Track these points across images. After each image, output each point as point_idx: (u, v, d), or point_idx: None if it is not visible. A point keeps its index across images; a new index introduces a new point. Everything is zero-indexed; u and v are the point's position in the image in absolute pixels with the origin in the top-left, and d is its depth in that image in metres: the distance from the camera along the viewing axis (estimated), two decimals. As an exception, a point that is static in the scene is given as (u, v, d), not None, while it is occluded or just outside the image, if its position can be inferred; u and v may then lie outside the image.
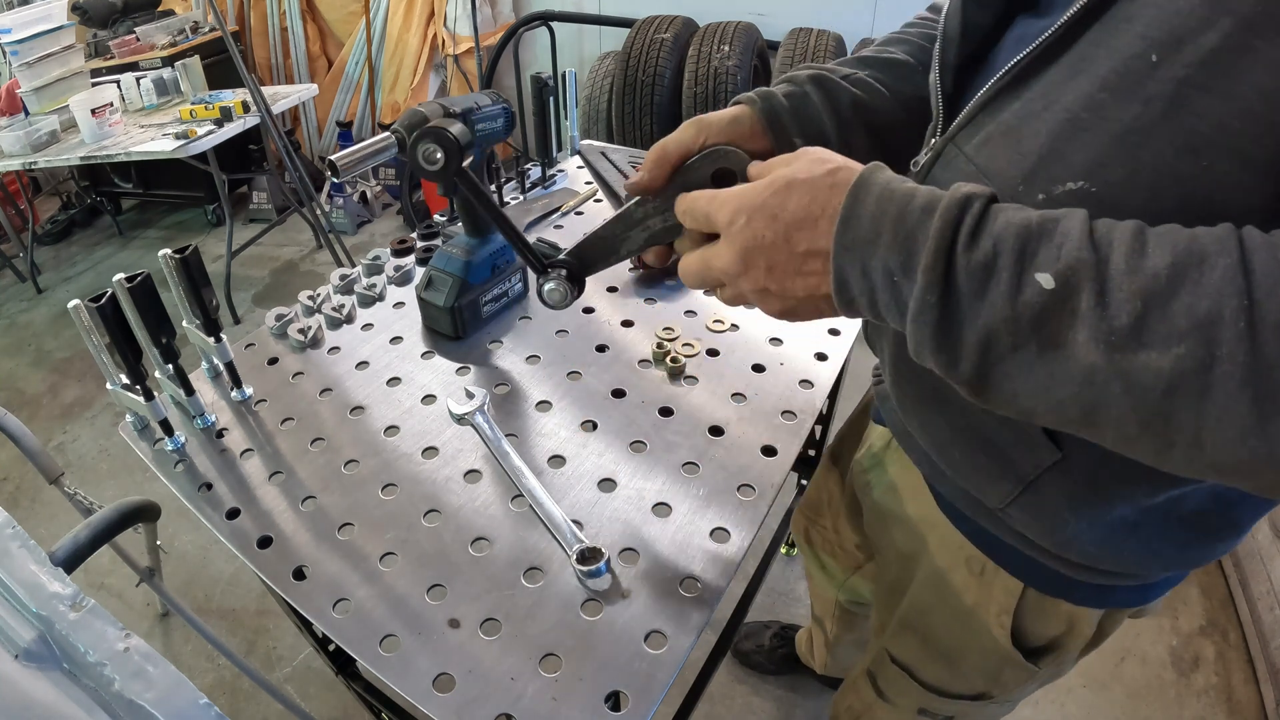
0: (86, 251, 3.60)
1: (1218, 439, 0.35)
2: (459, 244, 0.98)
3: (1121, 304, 0.36)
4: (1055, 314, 0.38)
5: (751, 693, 1.61)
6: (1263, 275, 0.34)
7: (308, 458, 0.82)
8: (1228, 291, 0.34)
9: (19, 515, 1.05)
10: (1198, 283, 0.35)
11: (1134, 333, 0.36)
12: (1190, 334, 0.35)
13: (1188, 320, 0.35)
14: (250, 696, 1.62)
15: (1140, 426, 0.37)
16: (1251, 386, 0.33)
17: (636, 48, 2.83)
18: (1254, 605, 1.68)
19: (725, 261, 0.50)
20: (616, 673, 0.60)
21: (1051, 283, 0.38)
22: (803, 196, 0.46)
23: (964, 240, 0.40)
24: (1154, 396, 0.36)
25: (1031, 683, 0.77)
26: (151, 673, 0.50)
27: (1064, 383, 0.39)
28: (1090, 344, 0.37)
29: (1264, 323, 0.33)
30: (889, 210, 0.43)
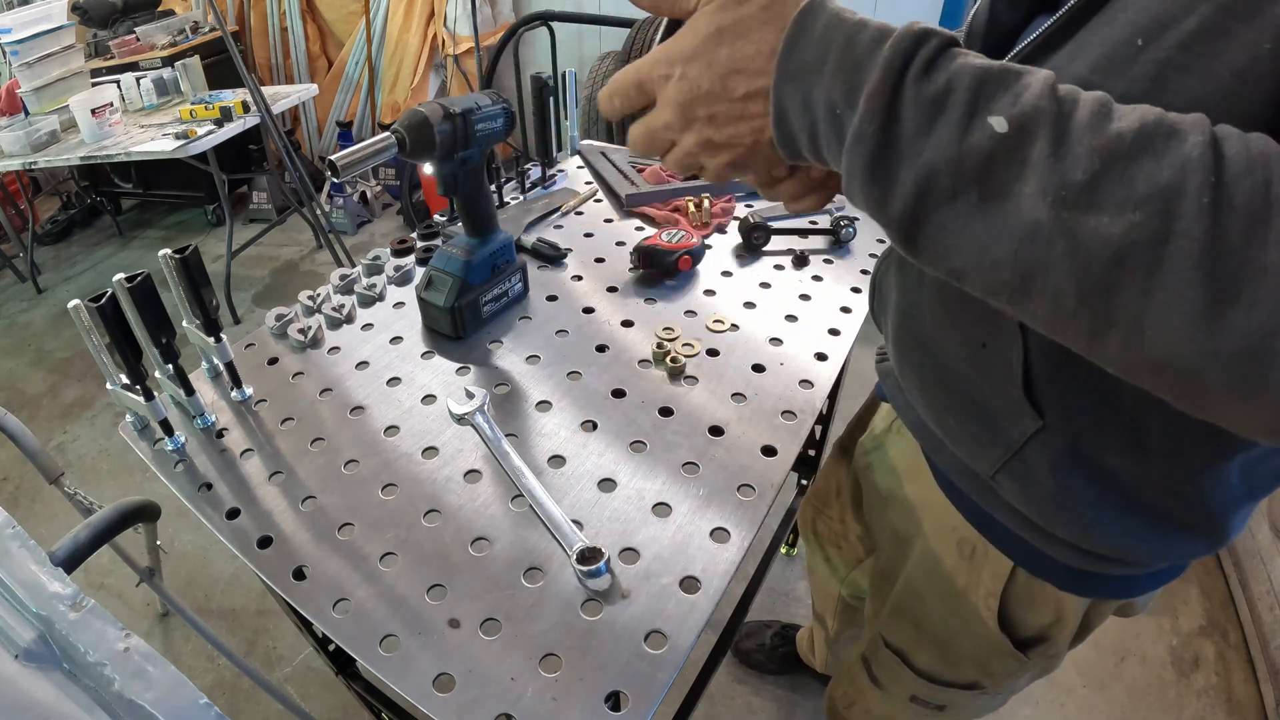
0: (86, 251, 3.60)
1: (1161, 325, 0.33)
2: (459, 244, 0.98)
3: (1079, 158, 0.34)
4: (1004, 161, 0.35)
5: (751, 693, 1.61)
6: (1233, 159, 0.32)
7: (308, 458, 0.82)
8: (1194, 166, 0.32)
9: (19, 515, 1.05)
10: (1164, 152, 0.33)
11: (1088, 190, 0.34)
12: (1149, 201, 0.32)
13: (1148, 186, 0.33)
14: (250, 696, 1.62)
15: (1079, 299, 0.35)
16: (1205, 268, 0.31)
17: (636, 48, 2.83)
18: (1254, 605, 1.68)
19: (666, 117, 0.47)
20: (616, 673, 0.60)
21: (1005, 126, 0.35)
22: (735, 37, 0.43)
23: (915, 71, 0.37)
24: (1099, 265, 0.34)
25: (1021, 675, 0.78)
26: (151, 673, 0.50)
27: (1003, 238, 0.36)
28: (1038, 197, 0.34)
29: (1229, 205, 0.31)
30: (836, 38, 0.40)
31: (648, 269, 1.12)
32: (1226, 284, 0.31)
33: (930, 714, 0.88)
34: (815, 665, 1.55)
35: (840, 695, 1.04)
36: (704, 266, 1.16)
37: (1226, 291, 0.31)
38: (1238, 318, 0.31)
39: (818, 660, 1.52)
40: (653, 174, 1.39)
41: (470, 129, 0.87)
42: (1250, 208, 0.31)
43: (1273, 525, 1.67)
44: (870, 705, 0.97)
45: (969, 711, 0.88)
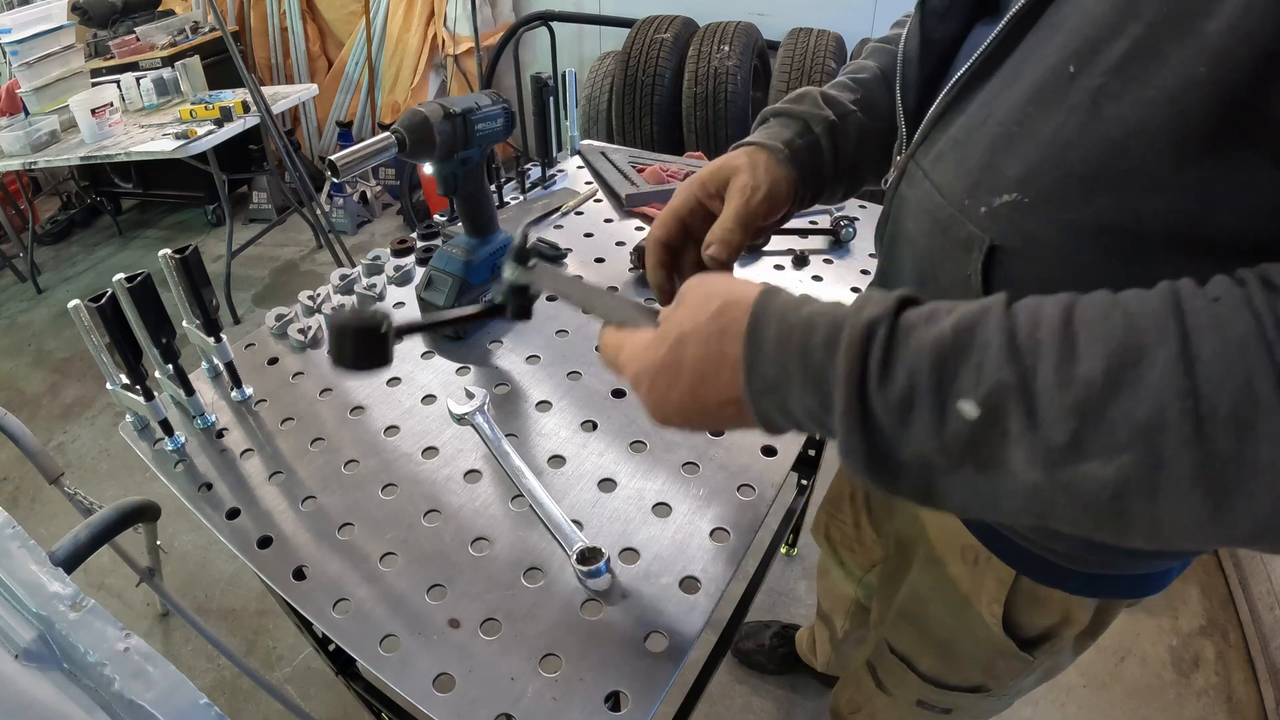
0: (86, 251, 3.60)
1: (1174, 527, 0.33)
2: (459, 244, 0.98)
3: (1055, 422, 0.34)
4: (985, 439, 0.36)
5: (751, 692, 1.61)
6: (1207, 364, 0.32)
7: (308, 458, 0.82)
8: (1169, 393, 0.32)
9: (19, 515, 1.05)
10: (1136, 386, 0.33)
11: (1073, 447, 0.34)
12: (1133, 443, 0.33)
13: (1128, 429, 0.33)
14: (250, 696, 1.62)
15: (1094, 524, 0.36)
16: (1201, 485, 0.32)
17: (636, 48, 2.83)
18: (1254, 605, 1.68)
19: (645, 409, 0.49)
20: (616, 673, 0.60)
21: (975, 411, 0.35)
22: (697, 349, 0.45)
23: (875, 378, 0.38)
24: (1102, 501, 0.34)
25: (1027, 675, 0.78)
26: (151, 673, 0.50)
27: (1009, 497, 0.37)
28: (1028, 464, 0.35)
29: (1213, 419, 0.31)
30: (791, 351, 0.41)
31: (648, 269, 1.12)
32: (1224, 490, 0.31)
33: (937, 717, 0.88)
34: (815, 665, 1.55)
35: (846, 701, 1.04)
36: (704, 266, 1.15)
37: (1226, 494, 0.31)
38: (1240, 512, 0.31)
39: (819, 660, 1.51)
40: (653, 174, 1.39)
41: (470, 129, 0.87)
42: (1235, 415, 0.31)
43: (1273, 525, 1.67)
44: (877, 710, 0.97)
45: (975, 713, 0.88)
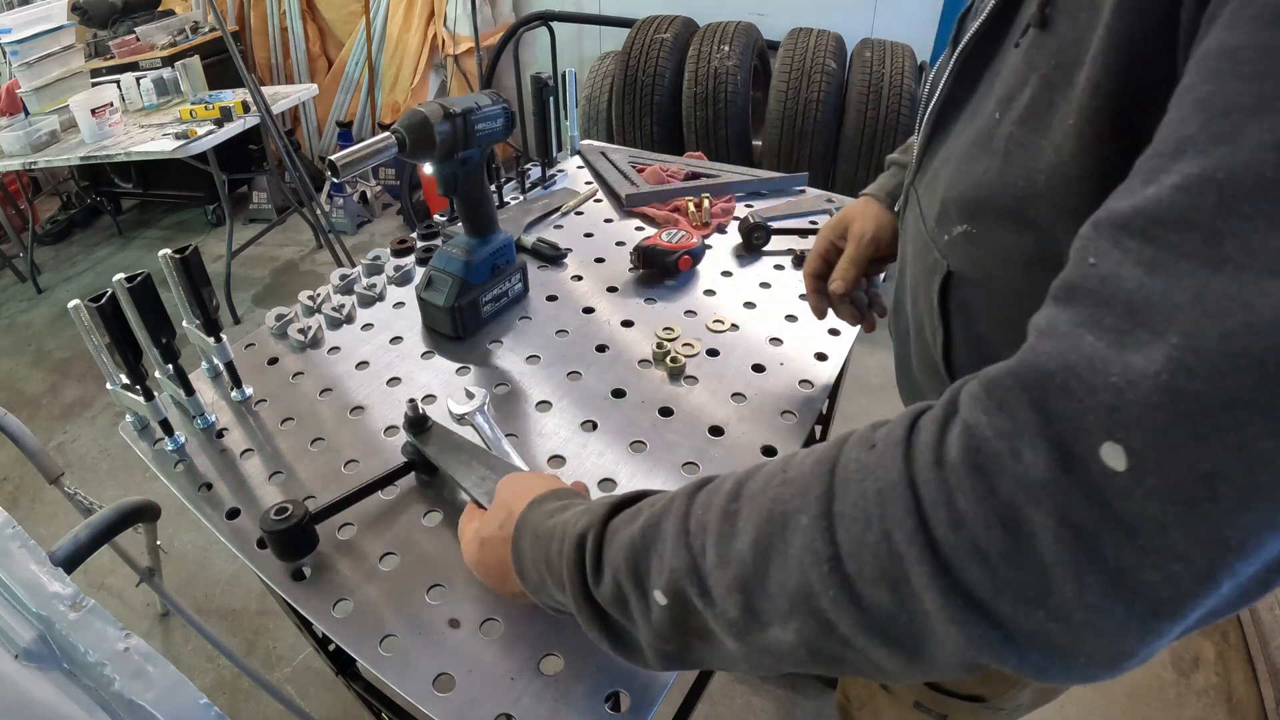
0: (86, 251, 3.60)
1: (893, 671, 0.33)
2: (459, 244, 0.98)
3: (724, 599, 0.35)
4: (685, 620, 0.38)
5: (751, 692, 1.61)
6: (847, 521, 0.32)
7: (308, 458, 0.82)
8: (810, 559, 0.32)
9: (19, 515, 1.05)
10: (783, 556, 0.33)
11: (749, 618, 0.35)
12: (794, 612, 0.33)
13: (786, 600, 0.33)
14: (250, 696, 1.62)
15: (827, 668, 0.36)
16: (879, 639, 0.31)
17: (636, 48, 2.83)
18: (1254, 605, 1.68)
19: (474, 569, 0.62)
20: (616, 673, 0.60)
21: (665, 599, 0.38)
22: (490, 554, 0.57)
23: (591, 579, 0.43)
24: (805, 657, 0.34)
25: (1022, 690, 0.78)
26: (151, 673, 0.50)
27: (737, 659, 0.38)
28: (724, 634, 0.37)
29: (860, 578, 0.31)
30: (539, 560, 0.48)
31: (648, 269, 1.12)
32: (907, 640, 0.31)
33: None
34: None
35: (854, 695, 1.05)
36: (704, 266, 1.16)
37: (911, 644, 0.31)
38: (937, 658, 0.31)
39: None
40: (653, 174, 1.39)
41: (470, 129, 0.87)
42: (883, 573, 0.30)
43: (1273, 525, 1.67)
44: (879, 709, 0.97)
45: None
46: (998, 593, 0.28)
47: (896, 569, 0.30)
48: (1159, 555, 0.25)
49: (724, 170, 1.41)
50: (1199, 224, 0.25)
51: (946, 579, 0.28)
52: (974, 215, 0.50)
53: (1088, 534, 0.26)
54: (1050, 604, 0.27)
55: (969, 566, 0.28)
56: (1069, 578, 0.26)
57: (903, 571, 0.29)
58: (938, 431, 0.30)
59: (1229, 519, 0.24)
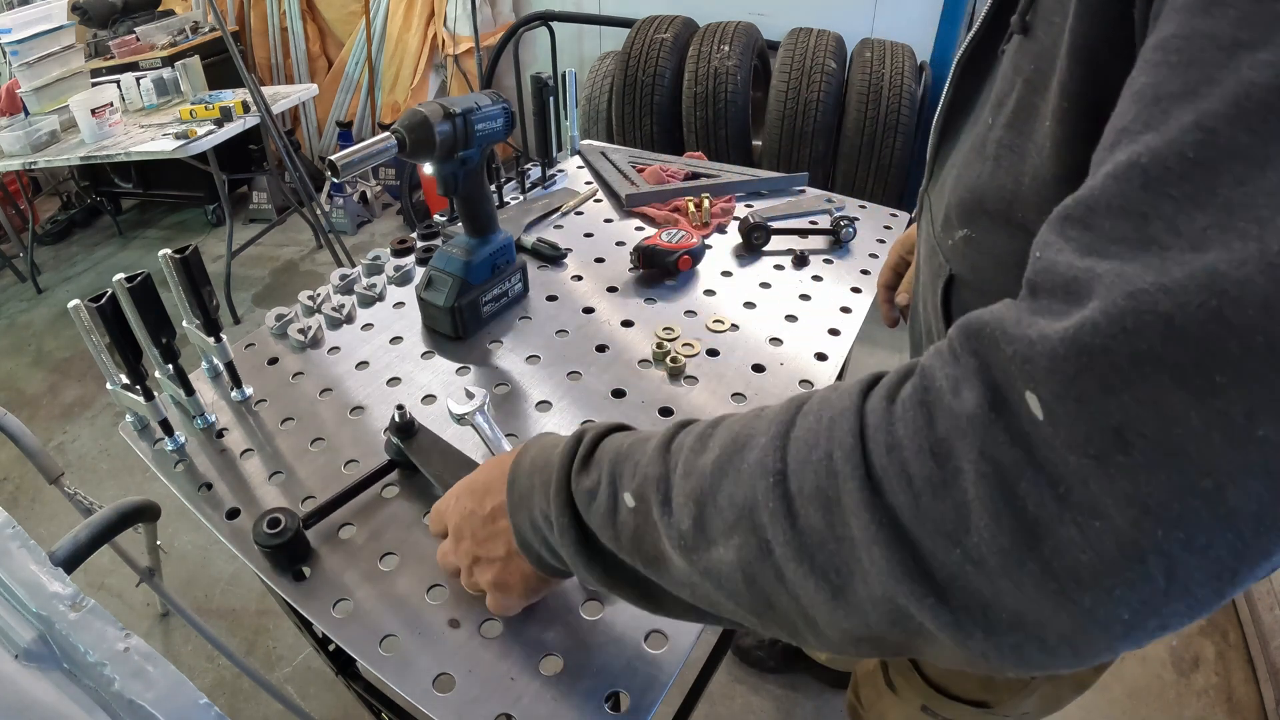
0: (86, 251, 3.60)
1: (819, 615, 0.32)
2: (459, 244, 0.98)
3: (681, 508, 0.36)
4: (644, 529, 0.39)
5: (751, 692, 1.61)
6: (796, 442, 0.32)
7: (308, 458, 0.82)
8: (759, 473, 0.33)
9: (19, 515, 1.05)
10: (738, 470, 0.34)
11: (697, 532, 0.35)
12: (738, 524, 0.33)
13: (732, 511, 0.34)
14: (250, 696, 1.62)
15: (756, 615, 0.36)
16: (808, 563, 0.31)
17: (636, 48, 2.83)
18: (1254, 605, 1.68)
19: (449, 540, 0.59)
20: (616, 673, 0.60)
21: (632, 500, 0.39)
22: (490, 471, 0.55)
23: (577, 469, 0.44)
24: (741, 587, 0.35)
25: (1027, 696, 0.78)
26: (151, 673, 0.50)
27: (679, 588, 0.39)
28: (674, 552, 0.37)
29: (800, 495, 0.31)
30: (538, 460, 0.48)
31: (648, 269, 1.12)
32: (833, 569, 0.31)
33: None
34: (818, 657, 1.56)
35: (864, 696, 1.06)
36: (704, 266, 1.16)
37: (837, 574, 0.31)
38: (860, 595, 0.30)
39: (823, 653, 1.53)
40: (653, 174, 1.39)
41: (470, 129, 0.87)
42: (819, 490, 0.31)
43: (1273, 525, 1.67)
44: (885, 711, 0.98)
45: None
46: (919, 521, 0.28)
47: (832, 487, 0.30)
48: (1077, 510, 0.25)
49: (724, 170, 1.41)
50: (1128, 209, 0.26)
51: (876, 499, 0.29)
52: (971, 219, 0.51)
53: (1008, 474, 0.26)
54: (967, 543, 0.27)
55: (896, 490, 0.28)
56: (986, 515, 0.26)
57: (836, 490, 0.30)
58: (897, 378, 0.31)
59: (1146, 477, 0.23)
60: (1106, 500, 0.24)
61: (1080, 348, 0.25)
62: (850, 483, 0.29)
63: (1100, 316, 0.24)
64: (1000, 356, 0.27)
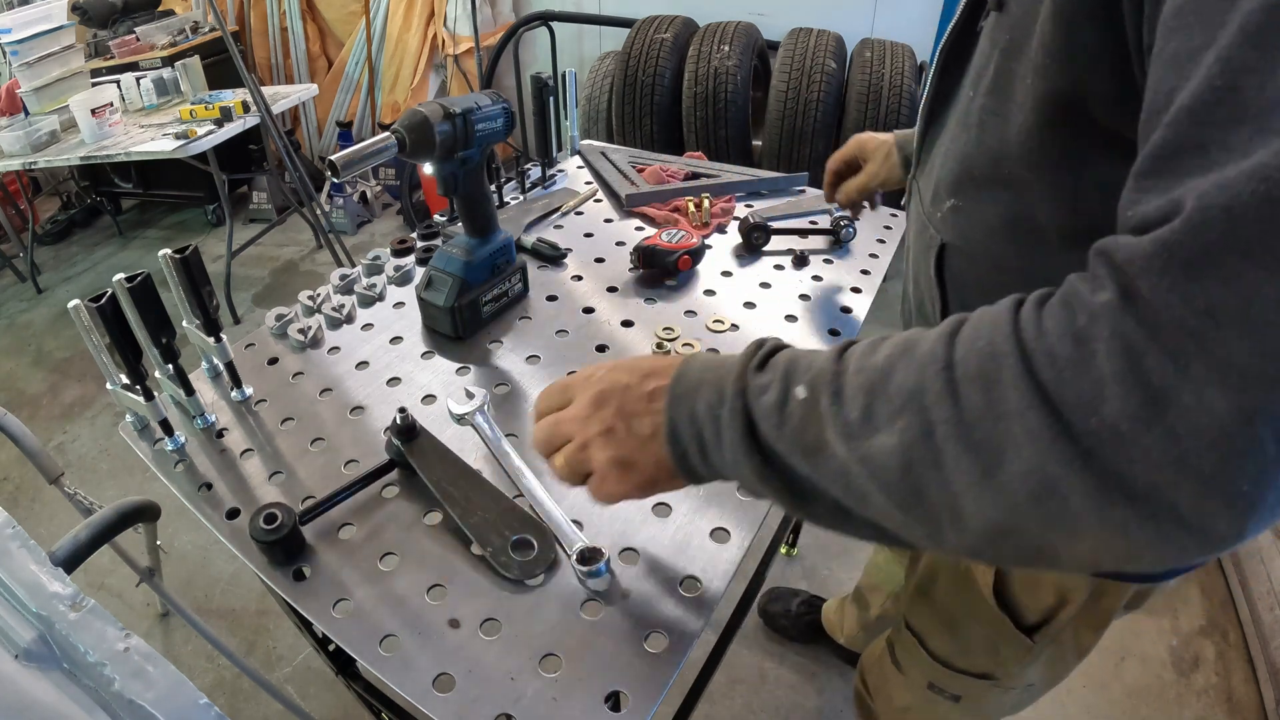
0: (86, 251, 3.60)
1: (967, 503, 0.35)
2: (459, 244, 0.98)
3: (852, 399, 0.40)
4: (809, 419, 0.42)
5: (751, 692, 1.61)
6: (964, 338, 0.37)
7: (308, 458, 0.82)
8: (929, 360, 0.37)
9: (19, 515, 1.05)
10: (909, 362, 0.38)
11: (865, 420, 0.39)
12: (905, 407, 0.37)
13: (900, 396, 0.38)
14: (250, 696, 1.62)
15: (902, 510, 0.39)
16: (966, 441, 0.35)
17: (636, 48, 2.83)
18: (1254, 605, 1.68)
19: (577, 410, 0.56)
20: (616, 673, 0.60)
21: (804, 392, 0.43)
22: (653, 360, 0.56)
23: (753, 368, 0.47)
24: (896, 475, 0.38)
25: (1031, 663, 0.80)
26: (151, 673, 0.50)
27: (832, 480, 0.42)
28: (837, 440, 0.40)
29: (966, 379, 0.35)
30: (711, 363, 0.51)
31: (648, 269, 1.12)
32: (987, 446, 0.34)
33: (947, 704, 0.91)
34: (838, 638, 1.60)
35: (871, 680, 1.07)
36: (704, 266, 1.16)
37: (990, 451, 0.34)
38: (1010, 471, 0.34)
39: (843, 634, 1.57)
40: (653, 174, 1.39)
41: (470, 129, 0.87)
42: (981, 371, 0.35)
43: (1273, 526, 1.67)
44: (892, 693, 1.00)
45: (984, 705, 0.90)
46: (1064, 393, 0.32)
47: (992, 369, 0.35)
48: (1194, 381, 0.29)
49: (724, 170, 1.41)
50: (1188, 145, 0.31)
51: (1030, 376, 0.33)
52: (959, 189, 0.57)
53: (1135, 350, 0.30)
54: (1104, 411, 0.31)
55: (1045, 368, 0.33)
56: (1118, 385, 0.30)
57: (997, 370, 0.34)
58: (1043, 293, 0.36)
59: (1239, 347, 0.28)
60: (1213, 373, 0.28)
61: (1164, 245, 0.30)
62: (1009, 359, 0.34)
63: (1179, 223, 0.30)
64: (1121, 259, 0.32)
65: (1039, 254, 0.51)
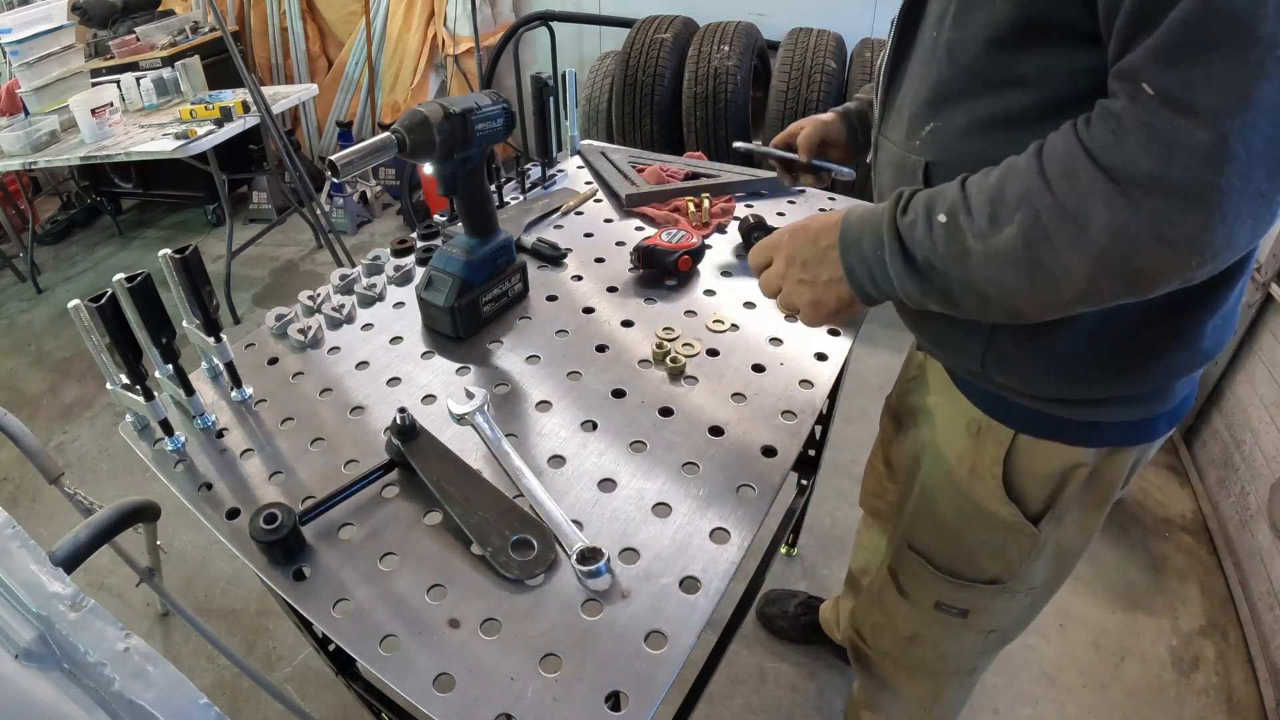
0: (86, 251, 3.60)
1: (1072, 256, 0.52)
2: (459, 244, 0.98)
3: (980, 210, 0.56)
4: (952, 234, 0.58)
5: (751, 692, 1.61)
6: (1048, 152, 0.53)
7: (308, 458, 0.82)
8: (1028, 171, 0.54)
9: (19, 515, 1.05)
10: (1016, 175, 0.55)
11: (991, 223, 0.55)
12: (1019, 205, 0.54)
13: (1014, 198, 0.54)
14: (250, 696, 1.62)
15: (1030, 279, 0.55)
16: (1060, 214, 0.51)
17: (636, 48, 2.83)
18: (1254, 605, 1.68)
19: (779, 267, 0.74)
20: (616, 673, 0.60)
21: (944, 217, 0.58)
22: (819, 221, 0.72)
23: (899, 211, 0.63)
24: (1021, 253, 0.54)
25: (1037, 557, 0.82)
26: (151, 673, 0.50)
27: (975, 273, 0.57)
28: (975, 242, 0.56)
29: (1056, 175, 0.52)
30: (865, 215, 0.67)
31: (648, 269, 1.12)
32: (1077, 214, 0.51)
33: (956, 621, 0.91)
34: (837, 637, 1.60)
35: (869, 623, 1.06)
36: (704, 266, 1.16)
37: (1080, 218, 0.51)
38: (1094, 227, 0.50)
39: (841, 632, 1.57)
40: (653, 174, 1.39)
41: (470, 129, 0.87)
42: (1064, 168, 0.52)
43: (1273, 525, 1.67)
44: (898, 624, 0.99)
45: (991, 615, 0.90)
46: (1111, 162, 0.49)
47: (1070, 165, 0.51)
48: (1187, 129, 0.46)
49: (724, 170, 1.41)
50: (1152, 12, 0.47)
51: (1091, 161, 0.50)
52: (937, 111, 0.67)
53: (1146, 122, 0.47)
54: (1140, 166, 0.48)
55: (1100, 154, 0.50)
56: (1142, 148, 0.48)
57: (1073, 163, 0.51)
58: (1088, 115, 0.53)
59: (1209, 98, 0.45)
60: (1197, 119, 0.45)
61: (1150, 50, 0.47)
62: (1079, 157, 0.51)
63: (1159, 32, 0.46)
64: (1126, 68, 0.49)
65: (1013, 142, 0.58)
